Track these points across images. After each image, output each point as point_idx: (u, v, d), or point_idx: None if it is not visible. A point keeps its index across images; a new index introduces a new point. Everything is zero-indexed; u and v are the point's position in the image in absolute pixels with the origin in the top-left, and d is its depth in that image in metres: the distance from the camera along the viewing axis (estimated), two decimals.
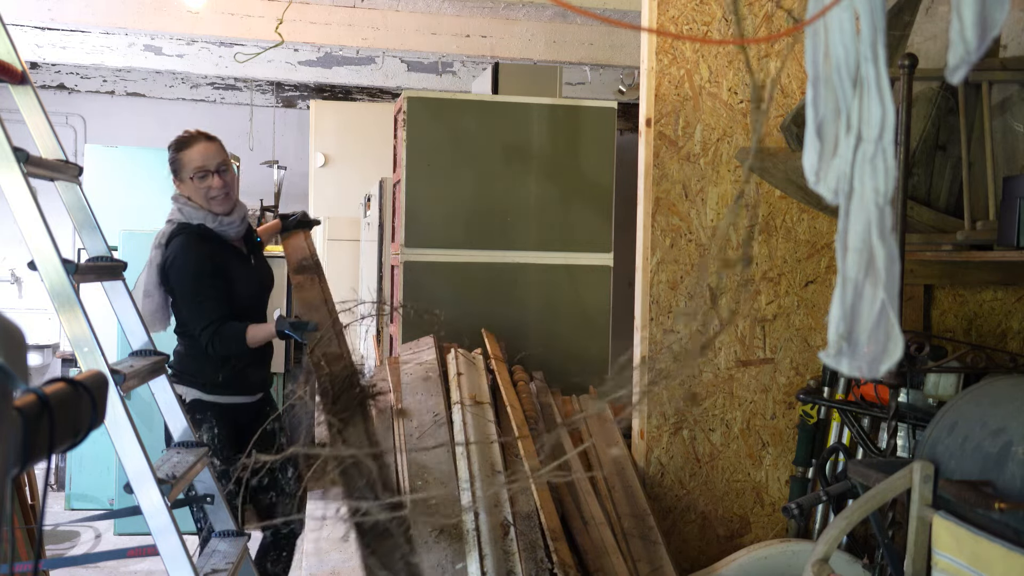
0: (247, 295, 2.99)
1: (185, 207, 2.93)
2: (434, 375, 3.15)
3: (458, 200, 3.87)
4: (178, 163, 2.95)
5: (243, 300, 2.96)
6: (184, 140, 2.98)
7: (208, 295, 2.84)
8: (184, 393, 2.86)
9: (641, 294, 3.12)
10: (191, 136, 2.99)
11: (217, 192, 2.91)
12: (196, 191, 2.92)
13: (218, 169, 2.93)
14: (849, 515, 1.97)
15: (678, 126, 3.08)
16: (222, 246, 2.96)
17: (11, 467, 0.90)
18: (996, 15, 0.97)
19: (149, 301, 2.88)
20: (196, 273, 2.84)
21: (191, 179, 2.91)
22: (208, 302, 2.84)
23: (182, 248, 2.86)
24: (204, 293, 2.84)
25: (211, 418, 2.90)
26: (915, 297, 3.15)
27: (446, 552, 2.47)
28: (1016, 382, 1.97)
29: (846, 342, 1.11)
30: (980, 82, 2.50)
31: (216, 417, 2.91)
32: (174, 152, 2.97)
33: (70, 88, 7.08)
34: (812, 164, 1.13)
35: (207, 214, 2.92)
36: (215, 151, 2.96)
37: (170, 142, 3.03)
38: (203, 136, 2.99)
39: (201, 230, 2.91)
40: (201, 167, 2.92)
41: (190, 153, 2.94)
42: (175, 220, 2.94)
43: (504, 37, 5.31)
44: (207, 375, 2.89)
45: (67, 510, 5.44)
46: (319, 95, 7.22)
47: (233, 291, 2.92)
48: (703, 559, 3.08)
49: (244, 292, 2.97)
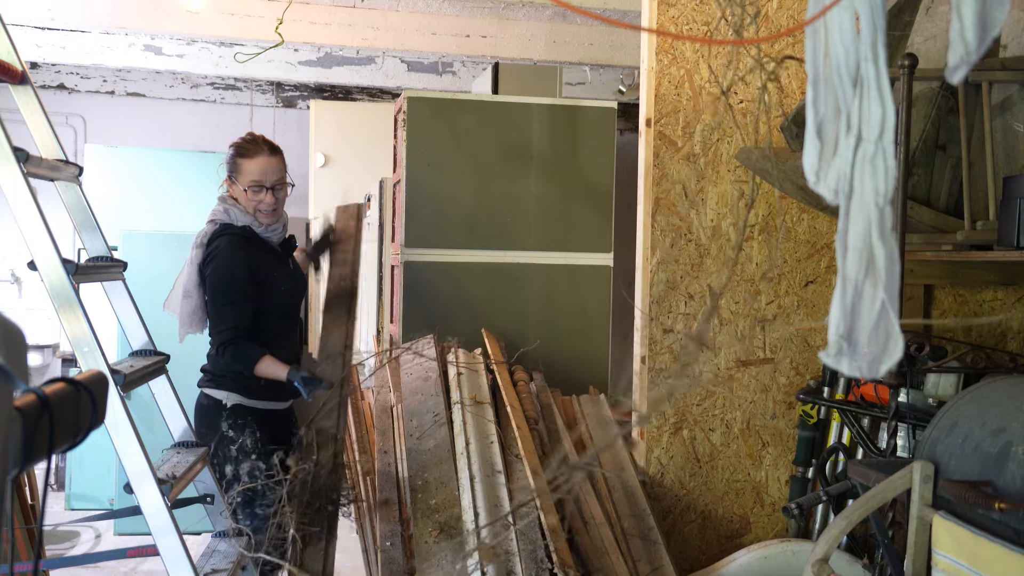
0: (283, 299, 2.92)
1: (232, 208, 2.87)
2: (434, 375, 3.14)
3: (458, 200, 3.87)
4: (236, 168, 2.89)
5: (279, 305, 2.90)
6: (247, 147, 2.90)
7: (238, 300, 2.78)
8: (224, 398, 2.81)
9: (641, 294, 3.12)
10: (256, 145, 2.90)
11: (267, 208, 2.87)
12: (246, 200, 2.87)
13: (273, 186, 2.87)
14: (849, 515, 1.97)
15: (678, 126, 3.08)
16: (263, 248, 2.90)
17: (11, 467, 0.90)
18: (996, 15, 0.97)
19: (188, 302, 2.83)
20: (232, 276, 2.78)
21: (245, 190, 2.85)
22: (236, 307, 2.78)
23: (224, 249, 2.79)
24: (235, 297, 2.78)
25: (252, 423, 2.83)
26: (915, 297, 3.15)
27: (446, 552, 2.47)
28: (1016, 382, 1.97)
29: (846, 342, 1.11)
30: (980, 82, 2.50)
31: (257, 422, 2.84)
32: (235, 155, 2.90)
33: (70, 88, 7.08)
34: (812, 164, 1.13)
35: (253, 219, 2.88)
36: (275, 167, 2.89)
37: (234, 141, 2.94)
38: (267, 147, 2.91)
39: (246, 232, 2.86)
40: (258, 182, 2.86)
41: (250, 164, 2.87)
42: (218, 220, 2.87)
43: (504, 37, 5.31)
44: (248, 379, 2.81)
45: (67, 510, 5.43)
46: (319, 95, 7.22)
47: (269, 295, 2.86)
48: (703, 559, 3.08)
49: (280, 297, 2.90)
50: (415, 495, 2.66)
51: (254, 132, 2.99)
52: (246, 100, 7.40)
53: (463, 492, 2.66)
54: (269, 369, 2.77)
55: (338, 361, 2.85)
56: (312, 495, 2.49)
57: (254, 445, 2.81)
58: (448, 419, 2.92)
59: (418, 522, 2.57)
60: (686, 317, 3.09)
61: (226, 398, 2.82)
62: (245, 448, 2.79)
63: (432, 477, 2.73)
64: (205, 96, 7.33)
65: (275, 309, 2.88)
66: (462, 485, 2.68)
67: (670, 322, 3.09)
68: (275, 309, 2.88)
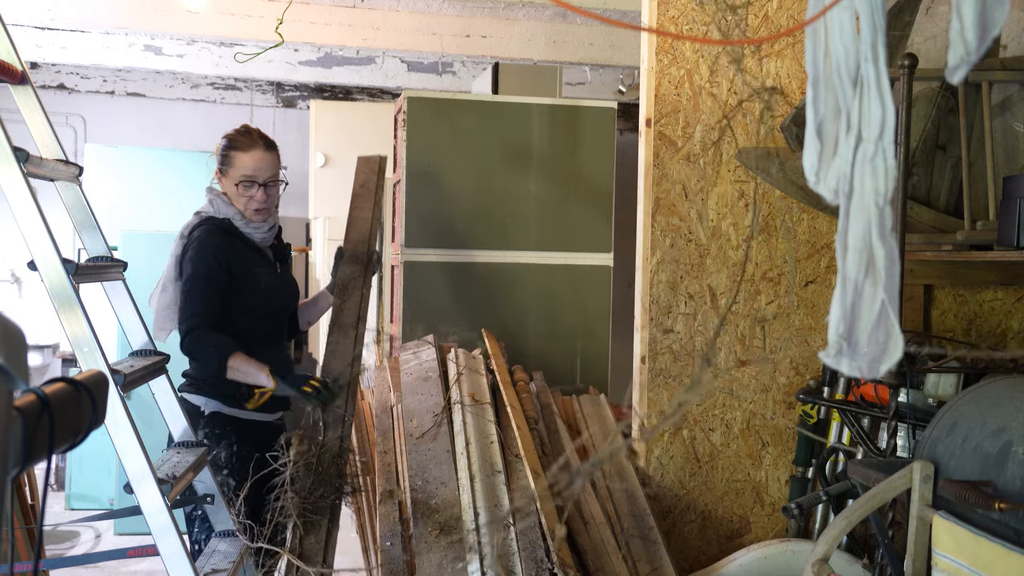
0: (265, 300, 2.73)
1: (216, 200, 2.72)
2: (434, 375, 3.14)
3: (458, 200, 3.87)
4: (227, 161, 2.73)
5: (259, 305, 2.71)
6: (241, 140, 2.74)
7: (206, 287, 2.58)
8: (203, 405, 2.63)
9: (641, 294, 3.12)
10: (250, 138, 2.75)
11: (258, 205, 2.72)
12: (236, 195, 2.72)
13: (266, 182, 2.72)
14: (849, 515, 1.97)
15: (678, 126, 3.08)
16: (245, 244, 2.73)
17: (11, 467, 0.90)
18: (996, 15, 0.97)
19: (164, 295, 2.68)
20: (203, 260, 2.60)
21: (236, 185, 2.70)
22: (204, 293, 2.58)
23: (200, 237, 2.64)
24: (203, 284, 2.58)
25: (231, 434, 2.63)
26: (915, 297, 3.15)
27: (446, 552, 2.47)
28: (1016, 382, 1.97)
29: (846, 342, 1.11)
30: (980, 82, 2.50)
31: (236, 434, 2.64)
32: (227, 147, 2.74)
33: (70, 88, 7.08)
34: (812, 164, 1.13)
35: (237, 212, 2.71)
36: (269, 163, 2.73)
37: (228, 132, 2.79)
38: (262, 142, 2.75)
39: (226, 224, 2.70)
40: (250, 177, 2.70)
41: (243, 158, 2.71)
42: (203, 212, 2.73)
43: (504, 37, 5.31)
44: (228, 385, 2.60)
45: (67, 510, 5.44)
46: (319, 95, 7.22)
47: (248, 292, 2.67)
48: (703, 559, 3.08)
49: (261, 297, 2.71)
50: (415, 495, 2.66)
51: (249, 125, 2.84)
52: (246, 100, 7.40)
53: (463, 492, 2.66)
54: (248, 367, 2.52)
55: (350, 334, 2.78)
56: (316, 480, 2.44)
57: (228, 460, 2.61)
58: (448, 419, 2.92)
59: (418, 522, 2.57)
60: (686, 317, 3.09)
61: (204, 404, 2.63)
62: (217, 462, 2.59)
63: (432, 477, 2.73)
64: (205, 96, 7.34)
65: (257, 307, 2.70)
66: (462, 485, 2.68)
67: (670, 322, 3.09)
68: (257, 307, 2.70)
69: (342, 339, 2.79)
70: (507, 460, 2.77)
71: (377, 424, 3.14)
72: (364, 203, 3.19)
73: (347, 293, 2.91)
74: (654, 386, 3.08)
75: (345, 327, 2.81)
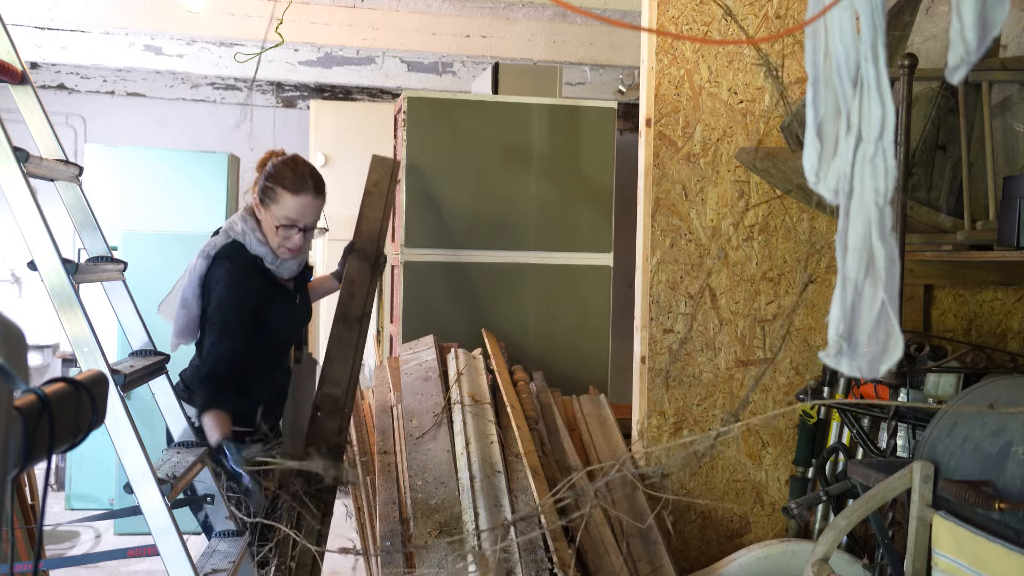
0: (279, 331, 2.79)
1: (250, 235, 2.68)
2: (434, 375, 3.14)
3: (458, 200, 3.87)
4: (271, 195, 2.67)
5: (273, 335, 2.77)
6: (290, 178, 2.67)
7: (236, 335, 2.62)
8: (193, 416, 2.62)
9: (641, 294, 3.12)
10: (301, 180, 2.68)
11: (292, 246, 2.69)
12: (272, 232, 2.68)
13: (306, 228, 2.69)
14: (849, 515, 1.97)
15: (678, 126, 3.08)
16: (268, 280, 2.73)
17: (11, 467, 0.90)
18: (996, 15, 0.97)
19: (185, 312, 2.68)
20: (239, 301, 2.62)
21: (276, 227, 2.67)
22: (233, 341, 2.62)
23: (233, 272, 2.63)
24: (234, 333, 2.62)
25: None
26: (915, 297, 3.15)
27: (446, 551, 2.47)
28: (1016, 382, 1.97)
29: (846, 342, 1.11)
30: (980, 82, 2.50)
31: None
32: (274, 180, 2.68)
33: (70, 88, 7.08)
34: (812, 164, 1.13)
35: (269, 251, 2.70)
36: (314, 209, 2.69)
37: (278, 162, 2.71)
38: (312, 185, 2.69)
39: (256, 262, 2.69)
40: (293, 221, 2.66)
41: (289, 200, 2.65)
42: (232, 237, 2.69)
43: (504, 37, 5.31)
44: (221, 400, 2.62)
45: (67, 510, 5.44)
46: (319, 95, 7.22)
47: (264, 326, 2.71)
48: (703, 559, 3.08)
49: (276, 327, 2.76)
50: (415, 495, 2.66)
51: (299, 157, 2.77)
52: (246, 100, 7.40)
53: (463, 492, 2.66)
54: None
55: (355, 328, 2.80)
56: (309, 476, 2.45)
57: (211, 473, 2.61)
58: (448, 419, 2.92)
59: (418, 522, 2.57)
60: (686, 317, 3.09)
61: (194, 416, 2.63)
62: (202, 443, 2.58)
63: (432, 477, 2.73)
64: (205, 96, 7.34)
65: (270, 338, 2.76)
66: (462, 485, 2.68)
67: (670, 322, 3.09)
68: (270, 338, 2.76)
69: (346, 332, 2.82)
70: (507, 460, 2.77)
71: (377, 424, 3.14)
72: (375, 202, 3.20)
73: (354, 288, 2.94)
74: (654, 386, 3.08)
75: (350, 320, 2.84)
